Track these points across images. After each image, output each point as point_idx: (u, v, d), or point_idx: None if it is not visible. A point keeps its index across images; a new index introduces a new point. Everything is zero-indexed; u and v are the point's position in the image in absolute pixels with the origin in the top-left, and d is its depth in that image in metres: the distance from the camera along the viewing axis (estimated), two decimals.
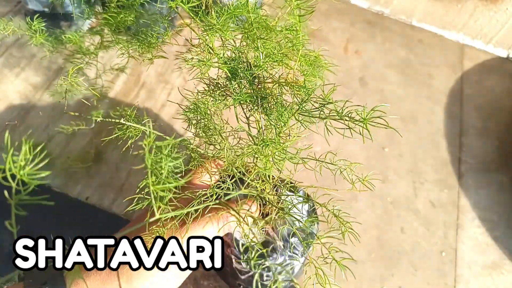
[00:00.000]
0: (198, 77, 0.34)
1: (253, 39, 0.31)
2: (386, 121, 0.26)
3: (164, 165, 0.23)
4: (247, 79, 0.33)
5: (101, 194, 0.69)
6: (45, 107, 0.77)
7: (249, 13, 0.30)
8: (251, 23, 0.31)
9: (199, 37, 0.32)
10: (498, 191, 0.75)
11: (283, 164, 0.37)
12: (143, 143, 0.22)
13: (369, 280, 0.65)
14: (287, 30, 0.33)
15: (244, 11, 0.30)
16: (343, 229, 0.36)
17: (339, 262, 0.35)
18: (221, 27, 0.29)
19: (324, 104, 0.29)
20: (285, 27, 0.33)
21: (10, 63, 0.82)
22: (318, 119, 0.30)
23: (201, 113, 0.34)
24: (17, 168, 0.20)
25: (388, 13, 1.00)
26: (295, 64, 0.33)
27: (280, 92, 0.35)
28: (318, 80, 0.36)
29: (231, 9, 0.30)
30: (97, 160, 0.71)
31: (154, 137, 0.22)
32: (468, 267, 0.68)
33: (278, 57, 0.32)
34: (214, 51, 0.32)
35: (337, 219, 0.37)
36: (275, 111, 0.33)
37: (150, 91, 0.81)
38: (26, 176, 0.20)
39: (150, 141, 0.22)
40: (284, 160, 0.37)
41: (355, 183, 0.38)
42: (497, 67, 0.94)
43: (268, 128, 0.36)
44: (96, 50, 0.50)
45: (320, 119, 0.30)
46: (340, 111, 0.27)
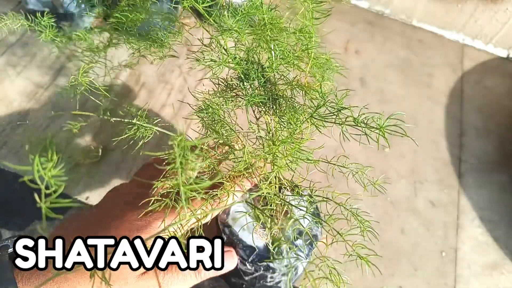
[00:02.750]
0: (210, 77, 0.33)
1: (266, 40, 0.31)
2: (404, 129, 0.26)
3: (195, 165, 0.22)
4: (259, 80, 0.32)
5: (101, 194, 0.68)
6: (47, 106, 0.76)
7: (263, 14, 0.30)
8: (265, 24, 0.30)
9: (212, 38, 0.32)
10: (498, 191, 0.76)
11: (297, 164, 0.37)
12: (172, 142, 0.22)
13: (369, 280, 0.65)
14: (300, 33, 0.33)
15: (258, 11, 0.30)
16: (361, 228, 0.36)
17: (365, 258, 0.35)
18: (238, 29, 0.29)
19: (340, 109, 0.28)
20: (299, 29, 0.33)
21: (12, 62, 0.81)
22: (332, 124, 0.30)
23: (216, 114, 0.34)
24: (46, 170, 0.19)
25: (388, 13, 1.00)
26: (306, 67, 0.33)
27: (292, 94, 0.34)
28: (328, 83, 0.36)
29: (246, 9, 0.30)
30: (104, 155, 0.71)
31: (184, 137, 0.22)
32: (468, 267, 0.68)
33: (291, 59, 0.32)
34: (228, 51, 0.32)
35: (355, 218, 0.37)
36: (287, 113, 0.33)
37: (150, 91, 0.81)
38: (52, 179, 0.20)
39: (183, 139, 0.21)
40: (298, 160, 0.37)
41: (367, 185, 0.38)
42: (497, 67, 0.94)
43: (279, 130, 0.36)
44: (105, 48, 0.49)
45: (337, 124, 0.30)
46: (357, 118, 0.27)
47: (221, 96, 0.35)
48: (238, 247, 0.49)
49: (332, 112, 0.29)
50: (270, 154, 0.35)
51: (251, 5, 0.30)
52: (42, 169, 0.19)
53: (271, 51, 0.32)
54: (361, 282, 0.64)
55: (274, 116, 0.35)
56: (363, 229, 0.37)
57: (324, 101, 0.30)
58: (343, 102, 0.30)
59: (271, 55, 0.32)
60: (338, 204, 0.38)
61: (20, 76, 0.79)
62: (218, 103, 0.35)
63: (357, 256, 0.36)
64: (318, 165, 0.40)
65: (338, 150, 0.40)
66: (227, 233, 0.50)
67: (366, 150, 0.77)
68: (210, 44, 0.33)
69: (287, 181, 0.47)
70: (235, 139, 0.37)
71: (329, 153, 0.43)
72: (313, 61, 0.33)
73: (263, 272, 0.48)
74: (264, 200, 0.47)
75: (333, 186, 0.41)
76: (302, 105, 0.34)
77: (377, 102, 0.85)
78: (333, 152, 0.69)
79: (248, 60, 0.33)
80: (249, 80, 0.32)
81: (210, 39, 0.32)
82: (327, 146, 0.40)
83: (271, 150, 0.34)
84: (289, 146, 0.35)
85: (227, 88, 0.35)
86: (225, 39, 0.31)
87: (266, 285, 0.50)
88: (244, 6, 0.30)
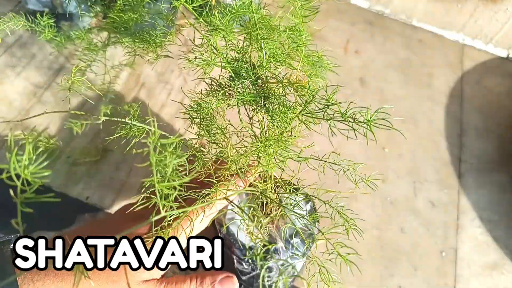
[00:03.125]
0: (201, 77, 0.33)
1: (256, 39, 0.31)
2: (390, 122, 0.26)
3: (169, 162, 0.23)
4: (250, 79, 0.33)
5: (101, 194, 0.69)
6: (46, 106, 0.77)
7: (253, 13, 0.30)
8: (255, 23, 0.31)
9: (202, 37, 0.32)
10: (498, 191, 0.76)
11: (285, 163, 0.37)
12: (147, 141, 0.22)
13: (369, 280, 0.65)
14: (291, 31, 0.33)
15: (248, 11, 0.30)
16: (346, 226, 0.36)
17: (344, 257, 0.35)
18: (225, 28, 0.29)
19: (328, 105, 0.28)
20: (289, 27, 0.33)
21: (11, 62, 0.81)
22: (321, 120, 0.30)
23: (205, 112, 0.34)
24: (21, 168, 0.20)
25: (388, 13, 1.00)
26: (298, 65, 0.33)
27: (284, 92, 0.34)
28: (320, 80, 0.36)
29: (235, 9, 0.30)
30: (104, 154, 0.71)
31: (159, 135, 0.22)
32: (468, 267, 0.68)
33: (282, 57, 0.32)
34: (218, 51, 0.32)
35: (340, 215, 0.37)
36: (278, 111, 0.33)
37: (150, 90, 0.81)
38: (30, 175, 0.20)
39: (155, 139, 0.22)
40: (287, 159, 0.37)
41: (358, 182, 0.38)
42: (497, 67, 0.94)
43: (270, 128, 0.36)
44: (104, 47, 0.50)
45: (324, 120, 0.30)
46: (344, 112, 0.27)
47: (214, 95, 0.35)
48: (234, 246, 0.49)
49: (320, 108, 0.30)
50: (258, 152, 0.35)
51: (241, 4, 0.30)
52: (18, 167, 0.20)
53: (262, 49, 0.32)
54: (360, 282, 0.64)
55: (266, 114, 0.35)
56: (348, 227, 0.37)
57: (313, 97, 0.30)
58: (341, 101, 0.30)
59: (262, 53, 0.32)
60: (324, 202, 0.38)
61: (19, 76, 0.80)
62: (209, 102, 0.35)
63: (338, 255, 0.36)
64: (314, 165, 0.40)
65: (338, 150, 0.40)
66: (223, 232, 0.50)
67: (366, 150, 0.77)
68: (203, 44, 0.33)
69: (281, 180, 0.47)
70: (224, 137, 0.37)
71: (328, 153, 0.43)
72: (304, 58, 0.33)
73: (260, 271, 0.48)
74: (259, 199, 0.48)
75: (333, 187, 0.41)
76: (293, 103, 0.34)
77: (377, 102, 0.85)
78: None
79: (239, 59, 0.33)
80: (240, 79, 0.33)
81: (202, 39, 0.33)
82: (327, 147, 0.40)
83: (258, 148, 0.35)
84: (275, 144, 0.35)
85: (219, 88, 0.35)
86: (215, 38, 0.31)
87: (263, 284, 0.50)
88: (233, 5, 0.31)
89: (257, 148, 0.34)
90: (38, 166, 0.21)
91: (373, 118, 0.26)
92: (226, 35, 0.29)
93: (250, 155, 0.36)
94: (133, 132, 0.35)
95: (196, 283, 0.41)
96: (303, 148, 0.38)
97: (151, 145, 0.22)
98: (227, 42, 0.33)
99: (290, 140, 0.36)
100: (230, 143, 0.37)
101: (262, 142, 0.34)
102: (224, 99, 0.35)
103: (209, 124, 0.35)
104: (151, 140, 0.22)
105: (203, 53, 0.33)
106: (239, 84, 0.33)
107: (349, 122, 0.28)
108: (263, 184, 0.43)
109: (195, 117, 0.36)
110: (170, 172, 0.23)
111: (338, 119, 0.29)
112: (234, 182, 0.40)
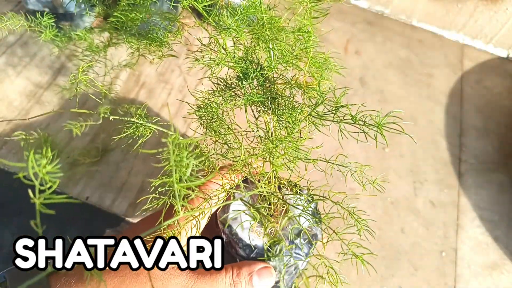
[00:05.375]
0: (209, 76, 0.33)
1: (265, 40, 0.31)
2: (401, 126, 0.26)
3: (189, 162, 0.22)
4: (258, 79, 0.33)
5: (101, 194, 0.68)
6: (47, 105, 0.76)
7: (262, 14, 0.30)
8: (264, 24, 0.30)
9: (211, 37, 0.32)
10: (498, 191, 0.76)
11: (294, 164, 0.37)
12: (167, 140, 0.22)
13: (369, 280, 0.65)
14: (299, 32, 0.33)
15: (257, 11, 0.30)
16: (358, 227, 0.36)
17: (360, 257, 0.35)
18: (237, 28, 0.29)
19: (338, 107, 0.28)
20: (298, 29, 0.33)
21: (12, 62, 0.81)
22: (330, 122, 0.30)
23: (214, 113, 0.34)
24: (40, 167, 0.19)
25: (388, 13, 1.00)
26: (305, 66, 0.33)
27: (291, 93, 0.34)
28: (327, 82, 0.36)
29: (245, 9, 0.30)
30: (104, 154, 0.71)
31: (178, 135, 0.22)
32: (468, 267, 0.68)
33: (290, 58, 0.32)
34: (227, 51, 0.32)
35: (351, 216, 0.37)
36: (286, 112, 0.33)
37: (150, 90, 0.81)
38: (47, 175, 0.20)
39: (176, 137, 0.21)
40: (297, 160, 0.37)
41: (365, 185, 0.38)
42: (497, 67, 0.94)
43: (277, 129, 0.36)
44: (105, 48, 0.49)
45: (334, 122, 0.30)
46: (354, 116, 0.27)
47: (220, 95, 0.35)
48: (237, 246, 0.49)
49: (330, 110, 0.29)
50: (268, 153, 0.35)
51: (250, 4, 0.30)
52: (37, 166, 0.20)
53: (270, 50, 0.32)
54: (360, 282, 0.64)
55: (273, 115, 0.35)
56: (360, 228, 0.37)
57: (322, 99, 0.30)
58: (341, 101, 0.30)
59: (270, 54, 0.32)
60: (335, 203, 0.38)
61: (20, 76, 0.79)
62: (216, 102, 0.35)
63: (353, 255, 0.36)
64: (318, 165, 0.40)
65: (338, 150, 0.40)
66: (226, 232, 0.50)
67: (366, 150, 0.78)
68: (210, 44, 0.33)
69: (286, 180, 0.47)
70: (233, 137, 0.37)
71: (330, 153, 0.43)
72: (312, 60, 0.33)
73: None
74: (263, 199, 0.48)
75: (334, 186, 0.41)
76: (300, 104, 0.34)
77: (377, 102, 0.85)
78: (333, 152, 0.69)
79: (247, 60, 0.33)
80: (248, 80, 0.32)
81: (209, 38, 0.32)
82: (328, 146, 0.40)
83: (268, 148, 0.34)
84: (286, 145, 0.35)
85: (226, 88, 0.35)
86: (224, 39, 0.31)
87: None
88: (243, 6, 0.30)
89: (268, 149, 0.34)
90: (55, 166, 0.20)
91: (384, 122, 0.26)
92: (238, 35, 0.29)
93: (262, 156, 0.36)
94: (139, 132, 0.35)
95: (233, 274, 0.40)
96: (311, 149, 0.38)
97: (170, 145, 0.21)
98: (235, 43, 0.32)
99: (300, 141, 0.36)
100: (242, 145, 0.37)
101: (273, 143, 0.34)
102: (231, 99, 0.35)
103: (219, 125, 0.35)
104: (170, 140, 0.21)
105: (211, 52, 0.33)
106: (247, 84, 0.33)
107: (359, 125, 0.28)
108: (268, 185, 0.43)
109: (203, 118, 0.36)
110: (189, 172, 0.23)
111: (348, 122, 0.29)
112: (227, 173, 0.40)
